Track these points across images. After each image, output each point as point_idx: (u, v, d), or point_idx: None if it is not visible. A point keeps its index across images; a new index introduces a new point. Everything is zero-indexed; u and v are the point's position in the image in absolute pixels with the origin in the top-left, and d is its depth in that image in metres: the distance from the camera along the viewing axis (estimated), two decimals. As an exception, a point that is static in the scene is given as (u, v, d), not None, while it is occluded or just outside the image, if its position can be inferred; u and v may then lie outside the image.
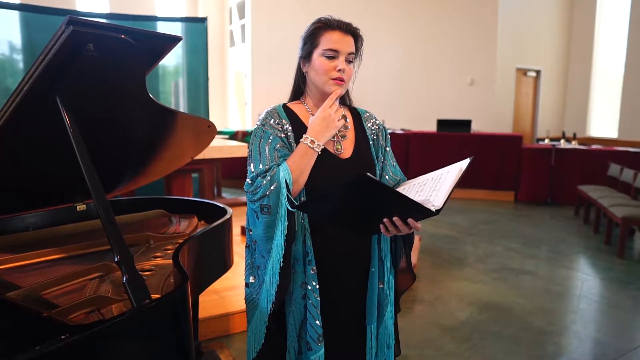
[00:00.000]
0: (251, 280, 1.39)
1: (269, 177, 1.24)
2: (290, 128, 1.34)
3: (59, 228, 1.92)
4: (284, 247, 1.25)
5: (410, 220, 1.16)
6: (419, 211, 1.12)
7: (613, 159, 6.36)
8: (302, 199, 1.31)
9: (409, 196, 1.16)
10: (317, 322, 1.31)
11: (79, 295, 1.33)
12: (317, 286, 1.32)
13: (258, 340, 1.37)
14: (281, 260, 1.25)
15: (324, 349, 1.32)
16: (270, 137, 1.32)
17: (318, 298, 1.32)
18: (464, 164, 1.21)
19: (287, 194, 1.23)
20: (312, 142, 1.27)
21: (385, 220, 1.17)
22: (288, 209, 1.24)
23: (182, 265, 1.38)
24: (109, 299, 1.29)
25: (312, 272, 1.31)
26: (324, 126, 1.28)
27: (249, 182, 1.28)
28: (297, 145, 1.31)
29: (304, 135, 1.28)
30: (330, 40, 1.29)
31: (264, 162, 1.28)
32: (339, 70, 1.30)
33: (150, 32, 1.33)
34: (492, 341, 2.89)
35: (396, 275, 1.50)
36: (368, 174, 1.04)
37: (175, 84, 5.53)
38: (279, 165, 1.27)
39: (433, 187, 1.19)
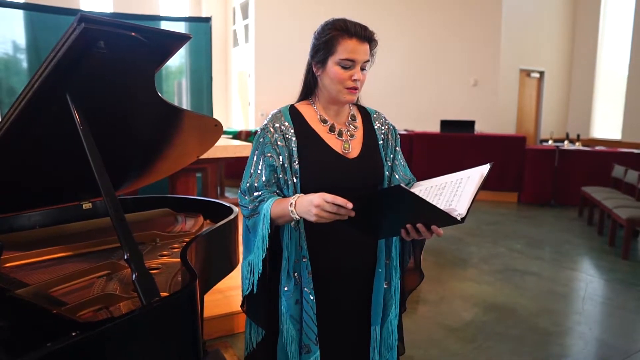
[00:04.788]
0: None
1: (256, 204, 1.30)
2: (293, 131, 1.33)
3: (66, 226, 1.92)
4: (261, 264, 1.29)
5: (433, 227, 1.16)
6: (444, 219, 1.11)
7: (617, 160, 6.34)
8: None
9: (429, 199, 1.16)
10: (314, 323, 1.32)
11: (87, 293, 1.33)
12: (313, 289, 1.32)
13: (257, 333, 1.42)
14: (260, 273, 1.30)
15: (319, 351, 1.34)
16: (267, 145, 1.33)
17: (314, 299, 1.32)
18: (484, 169, 1.19)
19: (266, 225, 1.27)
20: (292, 212, 1.21)
21: (408, 226, 1.17)
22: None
23: (190, 263, 1.38)
24: (117, 297, 1.29)
25: (308, 276, 1.32)
26: (306, 211, 1.17)
27: (241, 193, 1.35)
28: (297, 149, 1.32)
29: (297, 196, 1.22)
30: (347, 49, 1.26)
31: (254, 177, 1.32)
32: (354, 80, 1.29)
33: (160, 30, 1.33)
34: (497, 342, 2.88)
35: (403, 276, 1.50)
36: (401, 184, 1.05)
37: (179, 83, 5.53)
38: (266, 201, 1.28)
39: (453, 192, 1.17)
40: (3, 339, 1.04)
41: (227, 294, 3.01)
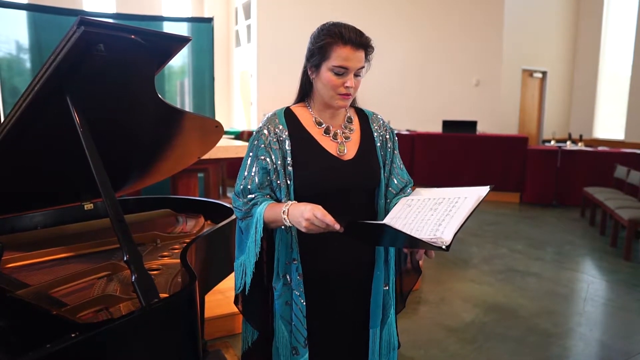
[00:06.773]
0: None
1: (249, 207, 1.31)
2: (287, 134, 1.34)
3: (67, 227, 1.93)
4: (253, 266, 1.32)
5: (429, 252, 1.22)
6: (430, 247, 1.14)
7: (620, 160, 6.32)
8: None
9: (423, 212, 1.21)
10: (303, 326, 1.33)
11: (87, 294, 1.34)
12: (304, 292, 1.33)
13: (252, 332, 1.43)
14: (252, 274, 1.33)
15: (308, 354, 1.34)
16: (260, 148, 1.33)
17: (304, 302, 1.33)
18: (483, 191, 1.19)
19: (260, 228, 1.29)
20: (285, 219, 1.22)
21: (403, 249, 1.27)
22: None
23: (189, 265, 1.38)
24: (117, 298, 1.30)
25: (298, 278, 1.32)
26: (297, 221, 1.18)
27: (235, 195, 1.37)
28: (291, 152, 1.32)
29: (290, 203, 1.22)
30: (340, 56, 1.25)
31: (247, 179, 1.33)
32: (347, 87, 1.28)
33: (160, 32, 1.34)
34: (497, 342, 2.88)
35: (401, 276, 1.50)
36: (386, 223, 1.09)
37: (181, 83, 5.55)
38: (259, 205, 1.30)
39: (447, 211, 1.17)
40: (3, 340, 1.05)
41: (228, 295, 3.01)
